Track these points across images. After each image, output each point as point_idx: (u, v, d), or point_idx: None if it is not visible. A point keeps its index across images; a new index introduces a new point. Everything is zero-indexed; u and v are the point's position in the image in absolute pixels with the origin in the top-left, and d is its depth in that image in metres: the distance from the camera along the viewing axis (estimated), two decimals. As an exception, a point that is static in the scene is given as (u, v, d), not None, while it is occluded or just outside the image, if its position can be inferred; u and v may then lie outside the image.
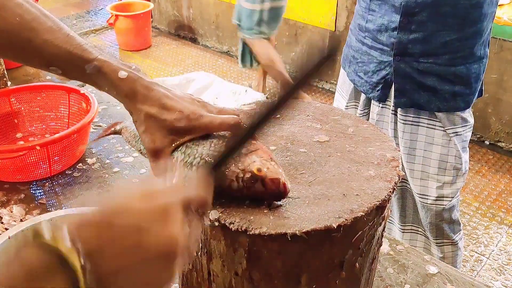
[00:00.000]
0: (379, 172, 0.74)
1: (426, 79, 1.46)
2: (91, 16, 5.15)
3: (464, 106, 1.50)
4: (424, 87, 1.47)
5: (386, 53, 1.47)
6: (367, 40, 1.52)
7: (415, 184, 1.59)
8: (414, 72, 1.46)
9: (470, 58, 1.45)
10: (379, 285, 0.99)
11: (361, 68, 1.56)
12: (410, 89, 1.48)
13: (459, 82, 1.46)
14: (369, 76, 1.54)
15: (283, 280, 0.67)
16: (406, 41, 1.42)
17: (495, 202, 2.65)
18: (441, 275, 1.02)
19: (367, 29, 1.51)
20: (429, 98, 1.48)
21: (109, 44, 4.59)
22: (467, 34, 1.41)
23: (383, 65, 1.49)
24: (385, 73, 1.49)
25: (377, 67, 1.51)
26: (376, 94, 1.54)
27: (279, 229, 0.62)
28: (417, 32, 1.40)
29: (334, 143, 0.82)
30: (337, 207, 0.66)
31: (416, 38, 1.41)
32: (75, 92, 1.43)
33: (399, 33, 1.42)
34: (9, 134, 1.44)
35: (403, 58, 1.45)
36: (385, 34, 1.45)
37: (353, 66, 1.60)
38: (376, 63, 1.51)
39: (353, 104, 1.68)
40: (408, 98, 1.49)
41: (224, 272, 0.70)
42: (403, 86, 1.48)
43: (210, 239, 0.68)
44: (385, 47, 1.47)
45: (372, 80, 1.53)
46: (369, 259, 0.74)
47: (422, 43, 1.42)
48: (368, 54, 1.53)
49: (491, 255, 2.30)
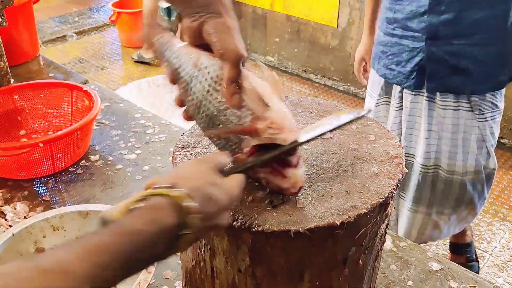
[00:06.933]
0: (382, 169, 0.74)
1: (459, 61, 1.48)
2: (93, 13, 5.14)
3: (498, 87, 1.52)
4: (457, 70, 1.49)
5: (417, 39, 1.50)
6: (397, 31, 1.55)
7: (449, 163, 1.61)
8: (446, 55, 1.48)
9: (503, 37, 1.47)
10: (382, 281, 0.99)
11: (392, 60, 1.59)
12: (442, 73, 1.50)
13: (493, 63, 1.48)
14: (402, 66, 1.56)
15: (286, 277, 0.68)
16: (437, 23, 1.45)
17: (497, 199, 2.64)
18: (444, 271, 1.02)
19: (395, 20, 1.54)
20: (463, 81, 1.50)
21: (111, 41, 4.59)
22: (498, 12, 1.43)
23: (415, 52, 1.51)
24: (418, 60, 1.52)
25: (409, 55, 1.53)
26: (412, 83, 1.56)
27: (282, 226, 0.62)
28: (447, 12, 1.43)
29: (338, 140, 0.81)
30: (340, 204, 0.66)
31: (446, 19, 1.44)
32: (78, 89, 1.44)
33: (429, 16, 1.45)
34: (12, 132, 1.45)
35: (434, 41, 1.47)
36: (415, 20, 1.48)
37: (382, 61, 1.63)
38: (408, 51, 1.53)
39: (384, 100, 1.70)
40: (440, 82, 1.52)
41: (227, 269, 0.70)
42: (436, 71, 1.51)
43: (213, 236, 0.68)
44: (416, 33, 1.49)
45: (406, 69, 1.55)
46: (372, 256, 0.74)
47: (452, 24, 1.44)
48: (399, 44, 1.55)
49: (494, 251, 2.30)
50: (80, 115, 1.42)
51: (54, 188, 1.26)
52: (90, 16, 5.07)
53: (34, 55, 1.96)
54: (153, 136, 1.48)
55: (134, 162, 1.36)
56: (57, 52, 4.28)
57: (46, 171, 1.29)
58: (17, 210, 1.17)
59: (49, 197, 1.23)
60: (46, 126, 1.49)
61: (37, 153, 1.23)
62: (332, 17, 3.54)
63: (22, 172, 1.27)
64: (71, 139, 1.28)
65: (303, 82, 3.88)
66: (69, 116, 1.47)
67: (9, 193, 1.23)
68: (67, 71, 1.90)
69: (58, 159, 1.28)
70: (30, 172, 1.28)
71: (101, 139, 1.46)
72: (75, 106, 1.46)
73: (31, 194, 1.23)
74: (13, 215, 1.15)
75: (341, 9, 3.47)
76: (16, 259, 0.98)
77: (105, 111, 1.60)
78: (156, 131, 1.51)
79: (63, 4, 5.27)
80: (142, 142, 1.45)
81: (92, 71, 3.93)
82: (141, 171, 1.33)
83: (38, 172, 1.28)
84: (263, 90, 0.68)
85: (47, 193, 1.24)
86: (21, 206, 1.18)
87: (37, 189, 1.26)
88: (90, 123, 1.33)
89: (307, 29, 3.77)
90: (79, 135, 1.29)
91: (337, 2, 3.46)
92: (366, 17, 1.81)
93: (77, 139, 1.30)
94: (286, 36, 3.94)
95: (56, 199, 1.22)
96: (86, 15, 5.09)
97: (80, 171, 1.32)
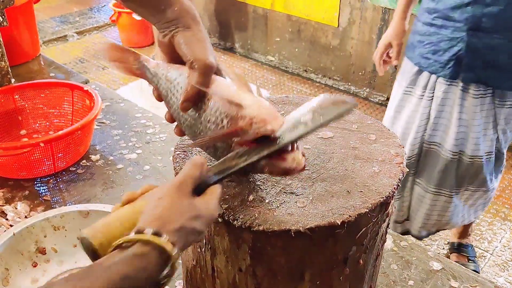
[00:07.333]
0: (383, 169, 0.74)
1: (498, 55, 1.51)
2: (94, 13, 5.14)
3: None
4: (492, 64, 1.52)
5: (458, 29, 1.52)
6: (436, 21, 1.58)
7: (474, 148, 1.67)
8: (486, 48, 1.51)
9: None
10: (383, 281, 0.99)
11: (428, 49, 1.62)
12: (479, 65, 1.53)
13: None
14: (439, 55, 1.59)
15: (286, 276, 0.68)
16: (480, 15, 1.47)
17: (498, 198, 2.63)
18: (445, 271, 1.02)
19: (436, 10, 1.57)
20: (496, 75, 1.54)
21: (112, 40, 4.60)
22: None
23: (455, 41, 1.54)
24: (457, 49, 1.55)
25: (448, 44, 1.56)
26: (448, 72, 1.59)
27: (283, 225, 0.62)
28: (492, 5, 1.45)
29: (338, 139, 0.81)
30: (341, 204, 0.66)
31: (490, 12, 1.46)
32: (78, 89, 1.44)
33: (473, 7, 1.47)
34: (13, 131, 1.45)
35: (476, 32, 1.50)
36: (458, 10, 1.51)
37: (418, 50, 1.66)
38: (447, 40, 1.56)
39: (412, 89, 1.73)
40: (476, 74, 1.55)
41: (228, 268, 0.70)
42: (472, 62, 1.54)
43: (214, 235, 0.68)
44: (458, 23, 1.52)
45: (443, 58, 1.58)
46: (373, 255, 0.74)
47: (496, 17, 1.46)
48: (438, 34, 1.58)
49: (495, 251, 2.30)
50: (81, 114, 1.42)
51: (55, 188, 1.26)
52: (91, 16, 5.07)
53: (35, 55, 1.96)
54: (153, 136, 1.48)
55: (135, 161, 1.37)
56: (58, 52, 4.28)
57: (47, 170, 1.29)
58: (18, 209, 1.17)
59: (50, 197, 1.23)
60: (47, 126, 1.49)
61: (38, 153, 1.23)
62: (332, 16, 3.54)
63: (23, 171, 1.27)
64: (72, 139, 1.28)
65: (304, 82, 3.88)
66: (70, 116, 1.47)
67: (10, 193, 1.23)
68: (68, 71, 1.90)
69: (59, 159, 1.28)
70: (31, 172, 1.28)
71: (102, 139, 1.46)
72: (75, 106, 1.46)
73: (32, 194, 1.24)
74: (14, 214, 1.15)
75: (341, 9, 3.47)
76: (17, 258, 0.98)
77: (106, 111, 1.60)
78: (157, 131, 1.51)
79: (64, 4, 5.28)
80: (142, 141, 1.46)
81: (93, 71, 3.93)
82: (141, 170, 1.33)
83: (39, 171, 1.28)
84: (231, 91, 0.68)
85: (48, 192, 1.24)
86: (22, 205, 1.18)
87: (38, 188, 1.26)
88: (91, 123, 1.33)
89: (307, 29, 3.77)
90: (79, 134, 1.29)
91: (337, 1, 3.46)
92: (400, 2, 1.80)
93: (78, 138, 1.30)
94: (286, 35, 3.94)
95: (57, 199, 1.22)
96: (87, 15, 5.09)
97: (80, 171, 1.32)
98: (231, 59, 4.38)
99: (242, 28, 4.28)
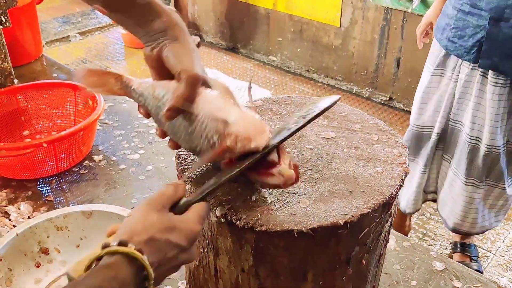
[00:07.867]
0: (386, 169, 0.74)
1: None
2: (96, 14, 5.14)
3: None
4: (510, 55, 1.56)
5: (483, 17, 1.58)
6: (464, 7, 1.64)
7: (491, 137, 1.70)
8: (506, 38, 1.55)
9: None
10: (386, 281, 0.99)
11: (455, 33, 1.69)
12: (496, 53, 1.58)
13: None
14: (464, 40, 1.66)
15: (289, 277, 0.68)
16: (505, 6, 1.52)
17: (501, 198, 2.63)
18: (448, 271, 1.02)
19: None
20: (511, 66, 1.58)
21: (114, 41, 4.60)
22: None
23: (478, 29, 1.61)
24: (480, 36, 1.61)
25: (473, 31, 1.63)
26: (471, 57, 1.66)
27: (285, 225, 0.62)
28: None
29: (341, 139, 0.81)
30: (343, 204, 0.66)
31: None
32: (81, 89, 1.44)
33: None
34: (16, 132, 1.45)
35: (497, 22, 1.55)
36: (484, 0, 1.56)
37: (446, 33, 1.73)
38: (472, 27, 1.63)
39: (440, 71, 1.80)
40: (492, 61, 1.60)
41: (230, 268, 0.70)
42: (490, 49, 1.59)
43: (216, 236, 0.68)
44: (483, 12, 1.58)
45: (468, 43, 1.65)
46: (376, 255, 0.74)
47: None
48: (464, 20, 1.65)
49: (498, 251, 2.29)
50: (84, 115, 1.42)
51: (57, 188, 1.26)
52: (93, 17, 5.08)
53: (38, 55, 1.97)
54: (156, 136, 1.48)
55: (138, 162, 1.37)
56: (61, 52, 4.29)
57: (49, 171, 1.29)
58: (21, 210, 1.17)
59: (52, 197, 1.23)
60: (50, 127, 1.49)
61: (40, 153, 1.24)
62: (335, 16, 3.54)
63: (25, 172, 1.28)
64: (75, 139, 1.28)
65: (306, 82, 3.88)
66: (73, 116, 1.47)
67: (13, 193, 1.24)
68: (71, 71, 1.91)
69: (61, 159, 1.28)
70: (34, 172, 1.28)
71: (105, 139, 1.46)
72: (78, 106, 1.46)
73: (34, 194, 1.24)
74: (17, 215, 1.15)
75: (344, 9, 3.47)
76: (20, 259, 0.98)
77: (109, 111, 1.60)
78: (159, 131, 1.51)
79: (67, 5, 5.29)
80: (145, 142, 1.46)
81: (95, 71, 3.94)
82: (144, 171, 1.33)
83: (41, 172, 1.28)
84: (218, 106, 0.67)
85: (50, 193, 1.25)
86: (25, 206, 1.18)
87: (40, 189, 1.26)
88: (93, 123, 1.33)
89: (310, 29, 3.77)
90: (82, 135, 1.30)
91: (339, 1, 3.46)
92: None
93: (81, 139, 1.30)
94: (289, 35, 3.94)
95: (59, 199, 1.23)
96: (89, 16, 5.10)
97: (83, 171, 1.33)
98: (234, 59, 4.38)
99: (244, 28, 4.28)
